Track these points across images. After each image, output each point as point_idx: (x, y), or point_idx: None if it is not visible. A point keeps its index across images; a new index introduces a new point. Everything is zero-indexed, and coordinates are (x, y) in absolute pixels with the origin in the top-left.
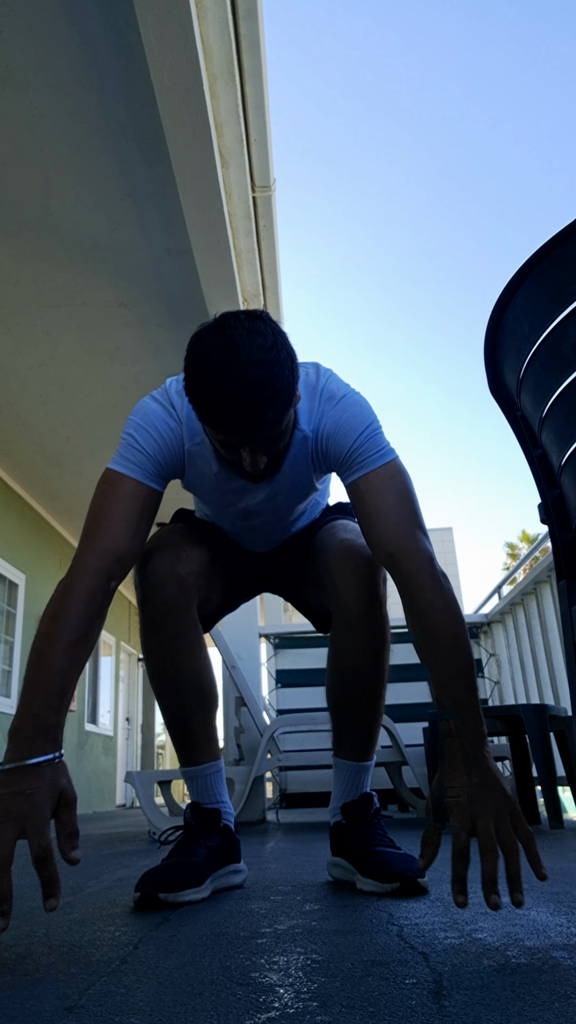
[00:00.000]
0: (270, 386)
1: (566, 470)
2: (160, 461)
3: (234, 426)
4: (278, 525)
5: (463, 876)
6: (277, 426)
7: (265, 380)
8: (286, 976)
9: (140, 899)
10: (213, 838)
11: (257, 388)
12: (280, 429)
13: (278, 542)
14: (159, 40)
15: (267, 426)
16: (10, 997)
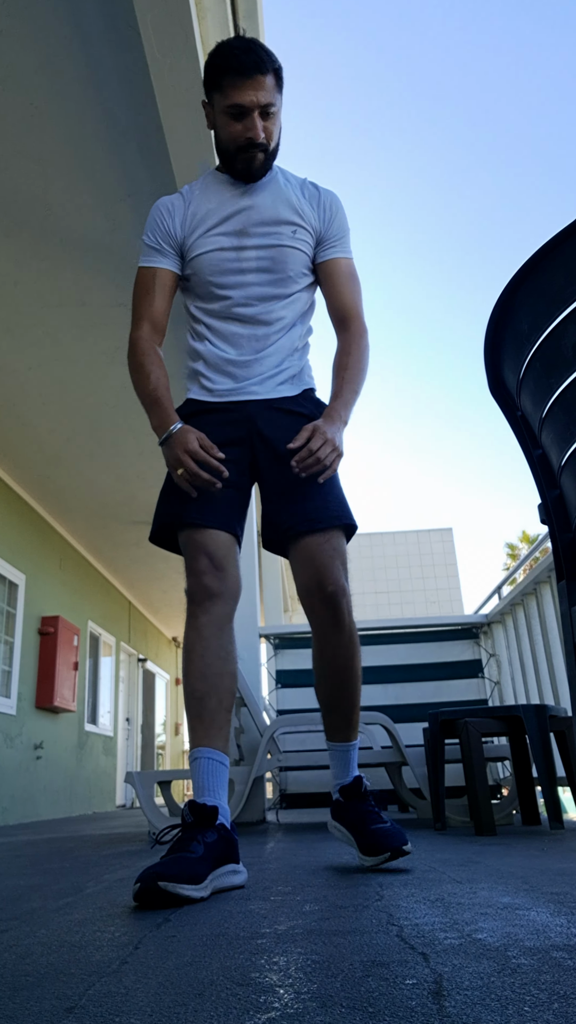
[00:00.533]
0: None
1: (566, 470)
2: (161, 229)
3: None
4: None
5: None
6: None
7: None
8: (286, 976)
9: (140, 889)
10: (210, 834)
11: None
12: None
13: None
14: (159, 40)
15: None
16: (10, 997)
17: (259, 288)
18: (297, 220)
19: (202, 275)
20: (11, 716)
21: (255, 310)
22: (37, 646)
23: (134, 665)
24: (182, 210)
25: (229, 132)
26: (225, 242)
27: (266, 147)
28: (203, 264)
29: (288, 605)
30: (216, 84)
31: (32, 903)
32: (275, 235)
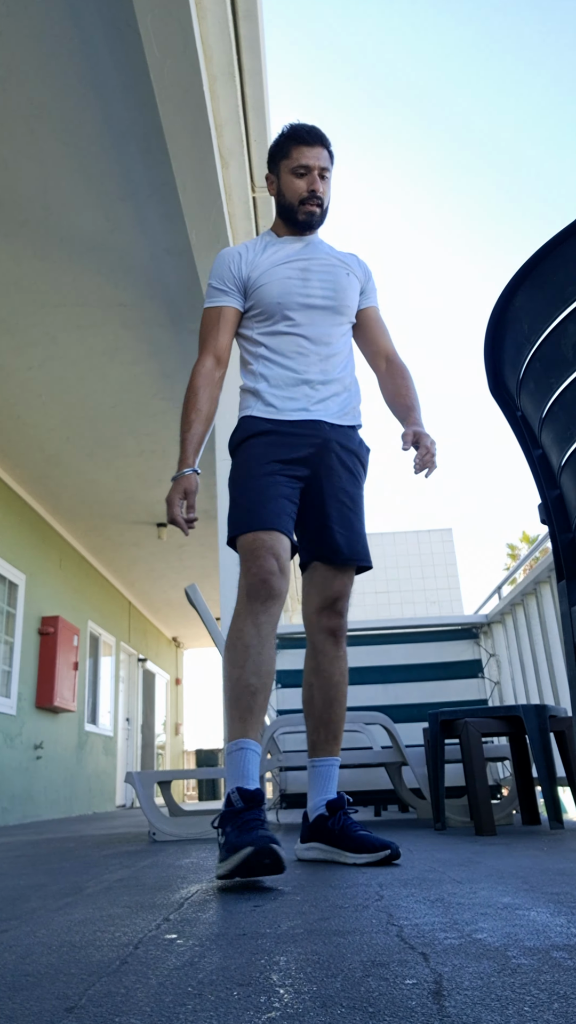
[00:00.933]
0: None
1: (566, 470)
2: (231, 274)
3: (313, 137)
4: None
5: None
6: (331, 164)
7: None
8: (286, 976)
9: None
10: (263, 812)
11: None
12: (331, 173)
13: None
14: (159, 40)
15: (329, 150)
16: (10, 997)
17: (322, 316)
18: (348, 268)
19: (270, 299)
20: (11, 716)
21: (320, 333)
22: (37, 646)
23: (134, 665)
24: (248, 256)
25: (294, 188)
26: (291, 273)
27: (322, 201)
28: (271, 289)
29: (288, 605)
30: (284, 152)
31: (32, 903)
32: (333, 272)
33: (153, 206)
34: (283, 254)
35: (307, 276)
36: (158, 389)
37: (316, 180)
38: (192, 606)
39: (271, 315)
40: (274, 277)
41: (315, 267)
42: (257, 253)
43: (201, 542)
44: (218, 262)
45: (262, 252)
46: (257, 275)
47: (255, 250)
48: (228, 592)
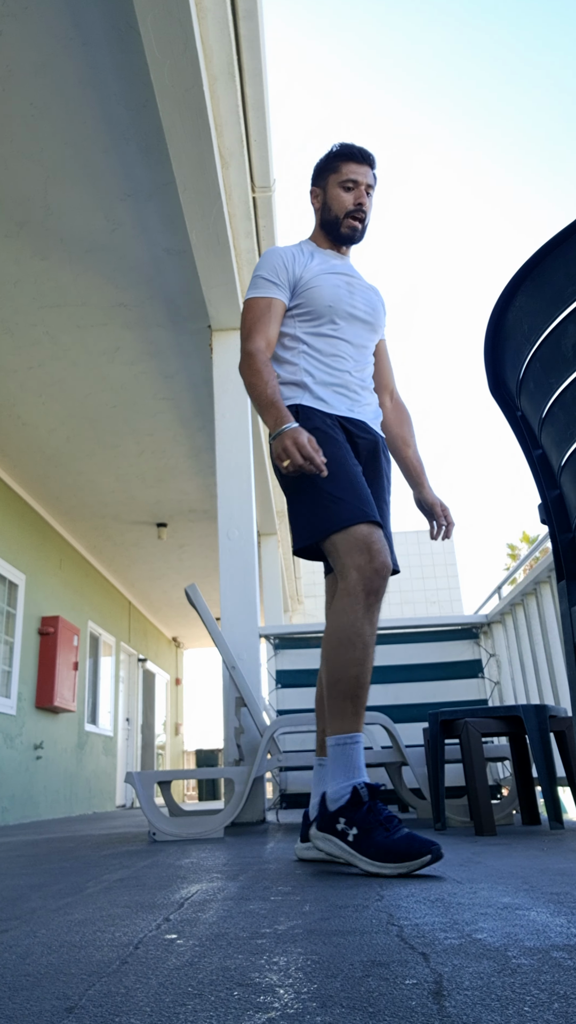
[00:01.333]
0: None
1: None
2: (285, 270)
3: (364, 156)
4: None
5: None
6: (375, 184)
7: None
8: (286, 976)
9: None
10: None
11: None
12: (375, 188)
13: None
14: (159, 40)
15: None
16: (10, 997)
17: (362, 328)
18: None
19: (321, 301)
20: (11, 716)
21: (359, 343)
22: (37, 646)
23: (134, 665)
24: (300, 258)
25: (341, 200)
26: (339, 283)
27: (366, 216)
28: (323, 292)
29: (288, 605)
30: (333, 168)
31: (32, 903)
32: (370, 292)
33: (153, 206)
34: (329, 265)
35: (352, 289)
36: (158, 389)
37: (363, 195)
38: (192, 606)
39: (319, 316)
40: (326, 282)
41: (356, 284)
42: (308, 257)
43: (201, 542)
44: (271, 257)
45: (311, 258)
46: (309, 277)
47: (305, 254)
48: (228, 592)
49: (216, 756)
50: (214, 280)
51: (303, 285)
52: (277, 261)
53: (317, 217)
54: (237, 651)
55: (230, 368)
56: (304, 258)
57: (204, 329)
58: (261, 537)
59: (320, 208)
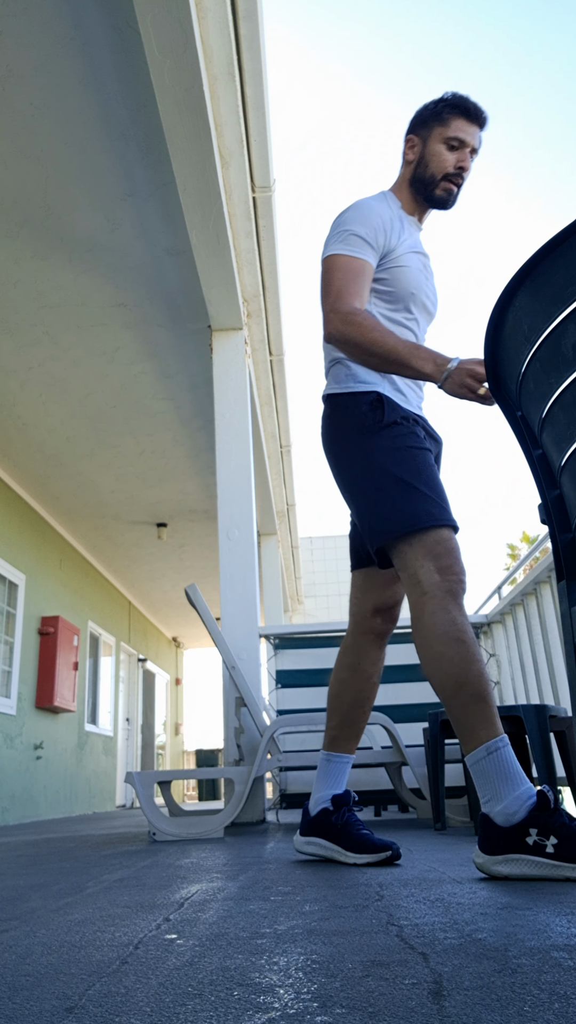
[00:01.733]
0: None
1: (566, 470)
2: (384, 234)
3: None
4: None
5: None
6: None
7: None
8: (286, 976)
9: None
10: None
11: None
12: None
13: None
14: (159, 40)
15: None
16: (10, 997)
17: (426, 320)
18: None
19: (406, 286)
20: (11, 716)
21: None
22: (37, 646)
23: (134, 665)
24: (392, 219)
25: (442, 159)
26: (421, 265)
27: (463, 182)
28: (409, 276)
29: (288, 605)
30: (441, 118)
31: (32, 903)
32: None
33: (153, 206)
34: (414, 240)
35: (427, 275)
36: (158, 389)
37: (467, 157)
38: (192, 606)
39: (399, 300)
40: (412, 264)
41: (430, 267)
42: (401, 226)
43: (201, 542)
44: (368, 212)
45: (402, 220)
46: (401, 252)
47: (395, 214)
48: (228, 592)
49: (216, 756)
50: (214, 280)
51: (392, 260)
52: (377, 220)
53: (407, 170)
54: (237, 651)
55: (230, 368)
56: (399, 226)
57: (204, 329)
58: (261, 537)
59: (415, 161)
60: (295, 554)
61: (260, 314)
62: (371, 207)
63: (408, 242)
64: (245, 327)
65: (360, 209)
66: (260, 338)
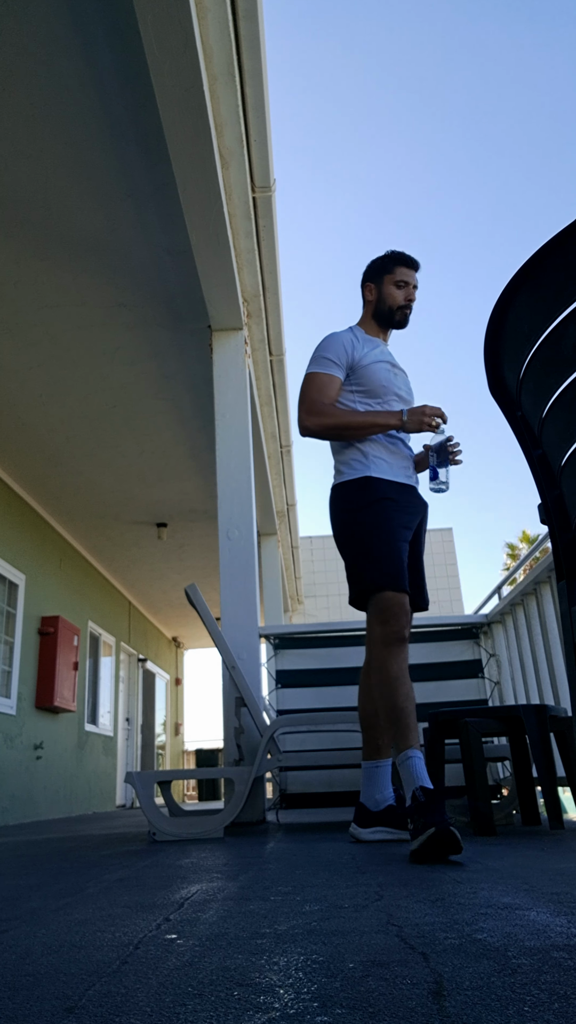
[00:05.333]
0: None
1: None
2: (345, 353)
3: (414, 262)
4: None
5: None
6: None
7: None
8: (286, 976)
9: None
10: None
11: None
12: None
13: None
14: (159, 40)
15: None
16: (10, 997)
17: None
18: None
19: (377, 381)
20: (11, 716)
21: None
22: (37, 646)
23: (134, 665)
24: (357, 344)
25: (395, 296)
26: (387, 368)
27: (411, 308)
28: (375, 371)
29: (288, 605)
30: (388, 269)
31: (32, 903)
32: (405, 377)
33: (153, 206)
34: (377, 352)
35: (395, 374)
36: (158, 389)
37: (411, 292)
38: (192, 606)
39: (375, 394)
40: (378, 367)
41: (396, 370)
42: (361, 343)
43: (201, 542)
44: (332, 341)
45: (364, 344)
46: (366, 362)
47: (360, 340)
48: (228, 592)
49: (216, 756)
50: (214, 280)
51: (361, 367)
52: (338, 344)
53: (369, 308)
54: (237, 651)
55: (230, 368)
56: (360, 343)
57: (204, 329)
58: (261, 537)
59: (375, 300)
60: (295, 554)
61: (260, 314)
62: (336, 336)
63: (372, 354)
64: (245, 327)
65: (328, 339)
66: (260, 338)
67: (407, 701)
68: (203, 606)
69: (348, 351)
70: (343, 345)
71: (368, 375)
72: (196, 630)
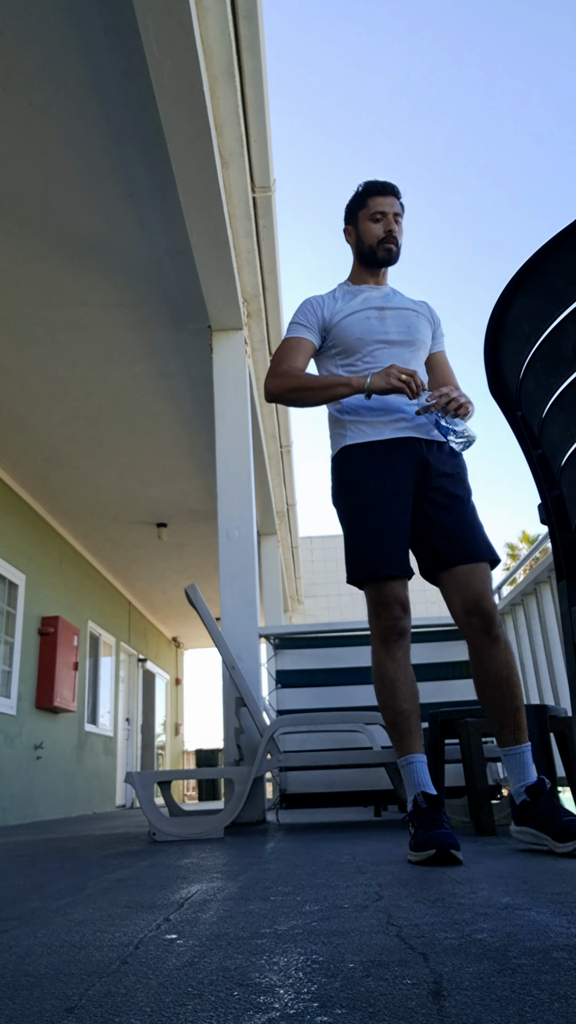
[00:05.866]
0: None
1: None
2: (315, 315)
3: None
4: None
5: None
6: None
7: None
8: (286, 976)
9: (436, 855)
10: (444, 814)
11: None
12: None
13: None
14: (159, 40)
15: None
16: (10, 997)
17: (400, 350)
18: (419, 312)
19: (349, 335)
20: (11, 716)
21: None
22: (37, 646)
23: (134, 665)
24: (329, 304)
25: (373, 232)
26: (370, 315)
27: (397, 240)
28: (349, 325)
29: (288, 605)
30: (362, 204)
31: (32, 903)
32: (406, 314)
33: (153, 206)
34: (360, 300)
35: (383, 318)
36: (158, 389)
37: (391, 222)
38: (192, 606)
39: (352, 351)
40: (353, 319)
41: (390, 311)
42: (336, 301)
43: (201, 542)
44: (303, 305)
45: (341, 300)
46: (338, 319)
47: (334, 299)
48: (228, 592)
49: (216, 756)
50: (214, 280)
51: (332, 326)
52: (307, 307)
53: (354, 252)
54: (237, 651)
55: (230, 368)
56: (332, 303)
57: (204, 329)
58: (261, 537)
59: (355, 243)
60: (295, 554)
61: (260, 314)
62: (307, 299)
63: (350, 306)
64: (245, 327)
65: (301, 305)
66: (260, 338)
67: (406, 703)
68: (203, 606)
69: (318, 312)
70: (312, 307)
71: (341, 332)
72: (196, 630)
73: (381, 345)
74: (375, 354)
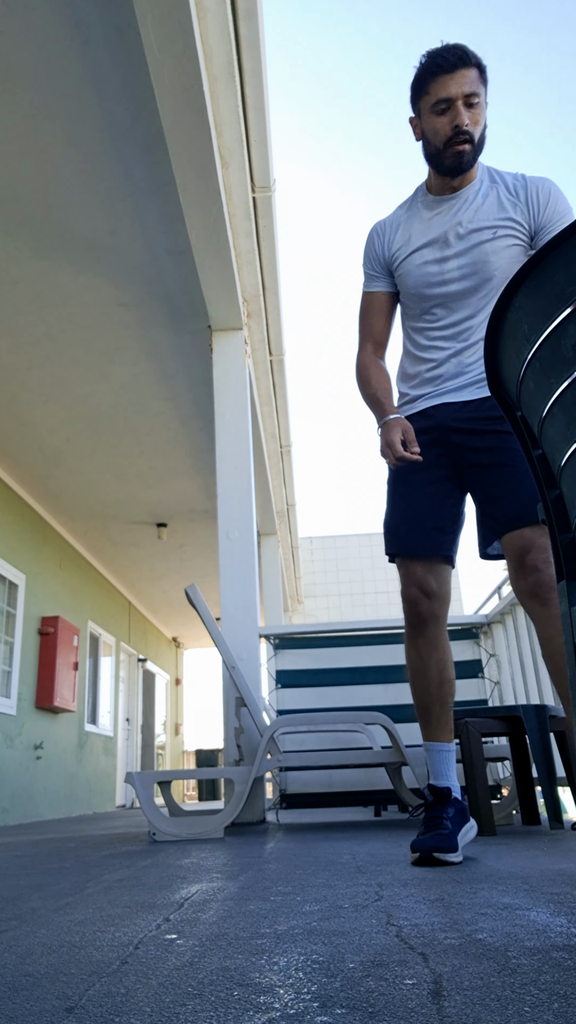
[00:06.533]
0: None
1: (566, 470)
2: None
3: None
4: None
5: None
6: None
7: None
8: (286, 976)
9: (419, 858)
10: (450, 809)
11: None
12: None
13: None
14: (159, 40)
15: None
16: (10, 997)
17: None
18: (496, 223)
19: (405, 288)
20: (11, 716)
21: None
22: (37, 646)
23: (134, 665)
24: (390, 234)
25: (436, 127)
26: (429, 253)
27: (471, 136)
28: (407, 276)
29: (288, 605)
30: (422, 90)
31: (32, 903)
32: (480, 232)
33: (153, 206)
34: (423, 227)
35: (445, 254)
36: (158, 389)
37: (460, 113)
38: (192, 606)
39: (413, 306)
40: (408, 266)
41: (457, 240)
42: (396, 229)
43: (201, 542)
44: (367, 240)
45: (404, 226)
46: (397, 263)
47: (402, 221)
48: (228, 592)
49: (216, 756)
50: (214, 280)
51: (396, 271)
52: (368, 249)
53: (423, 152)
54: (237, 651)
55: (230, 368)
56: (392, 232)
57: (204, 329)
58: (261, 537)
59: (421, 140)
60: (295, 554)
61: (260, 314)
62: (369, 233)
63: (410, 243)
64: (245, 327)
65: (367, 238)
66: (260, 338)
67: (424, 694)
68: (203, 606)
69: (378, 252)
70: (372, 245)
71: (401, 284)
72: (196, 630)
73: (439, 299)
74: (434, 312)
